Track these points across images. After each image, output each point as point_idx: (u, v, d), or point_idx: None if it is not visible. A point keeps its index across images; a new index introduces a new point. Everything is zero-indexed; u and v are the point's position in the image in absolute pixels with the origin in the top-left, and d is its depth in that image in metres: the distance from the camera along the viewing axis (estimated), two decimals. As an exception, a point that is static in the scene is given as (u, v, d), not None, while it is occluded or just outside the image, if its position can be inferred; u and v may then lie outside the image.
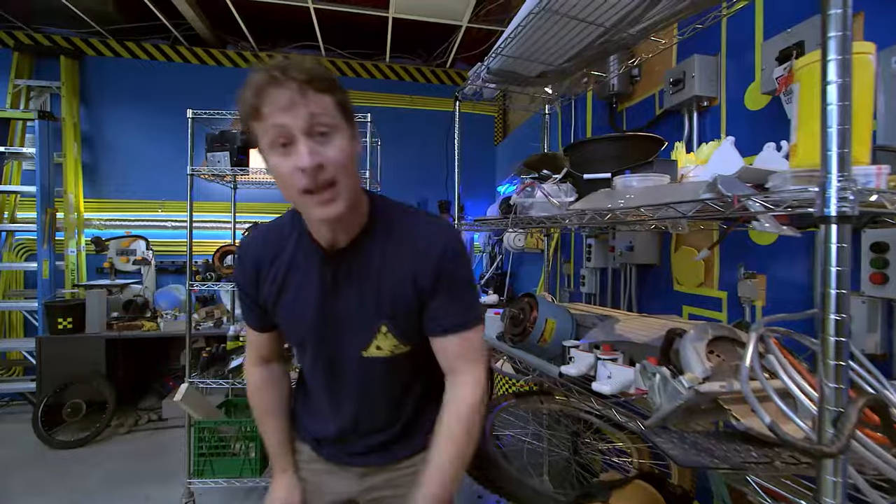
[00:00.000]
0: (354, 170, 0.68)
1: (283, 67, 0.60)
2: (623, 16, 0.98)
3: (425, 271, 0.72)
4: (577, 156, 1.08)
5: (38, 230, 2.76)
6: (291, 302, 0.76)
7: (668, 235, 1.53)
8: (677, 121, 1.49)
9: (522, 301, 1.09)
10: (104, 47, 3.21)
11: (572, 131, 2.26)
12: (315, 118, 0.61)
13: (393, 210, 0.76)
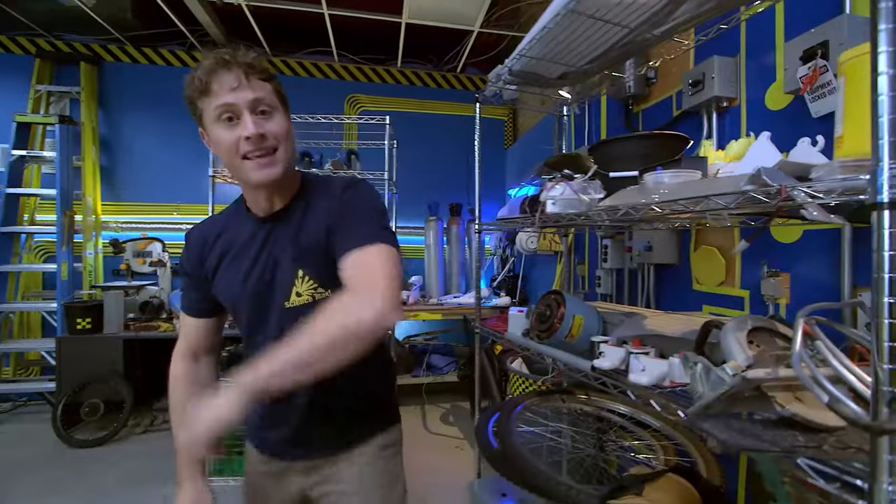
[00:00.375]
0: (291, 144, 0.76)
1: (231, 54, 0.70)
2: (648, 17, 1.00)
3: (332, 208, 0.77)
4: (602, 155, 1.10)
5: (58, 232, 2.80)
6: (227, 267, 0.81)
7: (687, 235, 1.54)
8: (696, 122, 1.50)
9: (549, 298, 1.10)
10: (122, 53, 3.27)
11: (586, 133, 2.27)
12: (259, 100, 0.71)
13: (318, 179, 0.84)
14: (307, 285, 0.78)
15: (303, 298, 0.78)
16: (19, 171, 2.89)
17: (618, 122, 2.01)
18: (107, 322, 2.66)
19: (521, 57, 1.27)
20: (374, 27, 3.07)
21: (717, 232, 1.41)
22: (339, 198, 0.77)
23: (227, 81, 0.70)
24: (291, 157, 0.77)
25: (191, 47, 3.34)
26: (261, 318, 0.81)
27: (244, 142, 0.70)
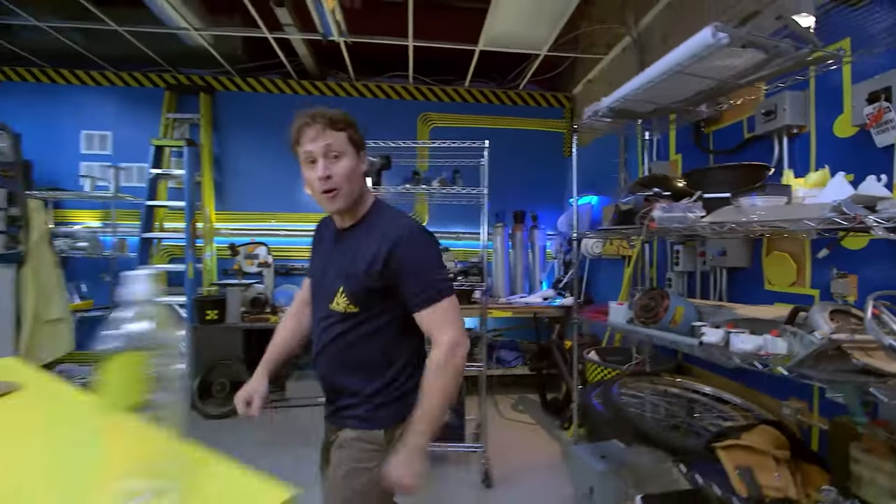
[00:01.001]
0: (356, 180, 0.97)
1: (312, 115, 0.94)
2: (738, 74, 1.28)
3: (383, 251, 0.93)
4: (696, 179, 1.38)
5: (186, 238, 3.32)
6: (315, 257, 1.11)
7: (760, 242, 1.77)
8: (766, 145, 1.74)
9: (652, 293, 1.40)
10: (230, 83, 3.80)
11: (654, 149, 2.52)
12: (329, 147, 0.93)
13: (381, 209, 1.04)
14: (343, 300, 0.97)
15: (339, 307, 0.98)
16: (154, 187, 3.44)
17: (686, 141, 2.26)
18: (229, 314, 3.15)
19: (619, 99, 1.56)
20: (449, 53, 3.43)
21: (788, 240, 1.65)
22: (391, 246, 0.93)
23: (308, 135, 0.93)
24: (356, 192, 0.97)
25: (286, 76, 3.83)
26: (317, 309, 1.05)
27: (317, 180, 0.93)
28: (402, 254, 0.94)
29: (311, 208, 3.80)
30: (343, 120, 0.97)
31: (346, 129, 0.96)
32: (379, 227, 0.98)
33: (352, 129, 0.98)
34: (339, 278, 0.98)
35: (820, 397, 1.55)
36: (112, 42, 3.27)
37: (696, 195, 1.28)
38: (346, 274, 0.97)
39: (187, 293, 3.27)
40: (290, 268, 3.74)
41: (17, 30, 3.14)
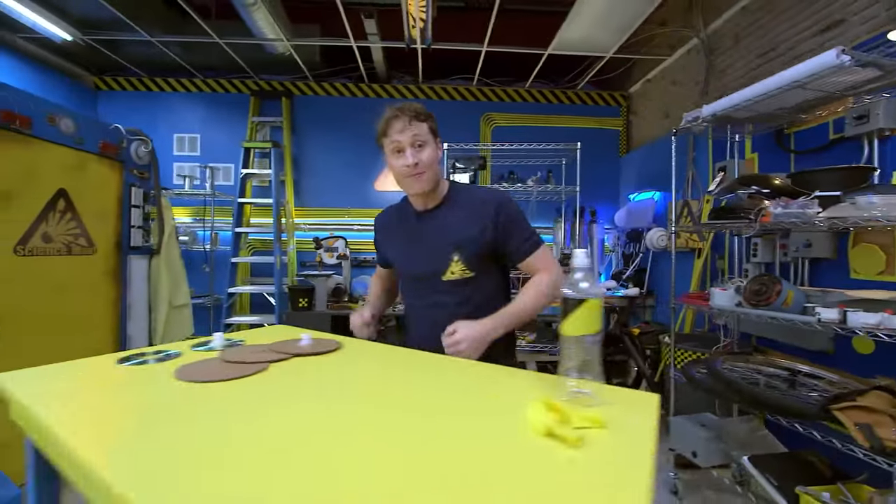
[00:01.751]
0: (436, 166, 1.09)
1: (400, 108, 1.06)
2: (847, 87, 1.46)
3: (490, 213, 1.07)
4: (805, 179, 1.57)
5: (274, 232, 3.62)
6: (396, 245, 1.21)
7: (846, 234, 1.94)
8: (853, 147, 1.89)
9: (761, 279, 1.59)
10: (306, 88, 4.07)
11: (728, 148, 2.67)
12: (416, 137, 1.04)
13: (458, 187, 1.18)
14: (459, 267, 1.09)
15: (455, 275, 1.10)
16: (244, 185, 3.75)
17: (766, 141, 2.41)
18: (318, 301, 3.44)
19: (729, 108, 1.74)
20: (515, 56, 3.61)
21: (877, 233, 1.81)
22: (496, 209, 1.07)
23: (397, 127, 1.03)
24: (438, 176, 1.10)
25: (358, 79, 4.08)
26: (424, 284, 1.14)
27: (405, 168, 1.04)
28: (507, 211, 1.08)
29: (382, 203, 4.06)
30: (425, 112, 1.08)
31: (427, 121, 1.07)
32: (469, 199, 1.12)
33: (432, 121, 1.09)
34: (449, 249, 1.09)
35: (908, 374, 1.72)
36: (204, 52, 3.57)
37: (813, 194, 1.46)
38: (456, 244, 1.08)
39: (276, 282, 3.57)
40: (363, 260, 4.01)
41: (122, 43, 3.47)
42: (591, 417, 0.51)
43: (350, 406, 0.62)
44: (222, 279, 3.72)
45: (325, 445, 0.49)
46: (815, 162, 2.10)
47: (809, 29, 2.27)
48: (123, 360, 0.83)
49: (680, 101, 3.41)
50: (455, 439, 0.50)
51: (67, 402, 0.63)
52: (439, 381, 0.71)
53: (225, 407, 0.61)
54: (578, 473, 0.43)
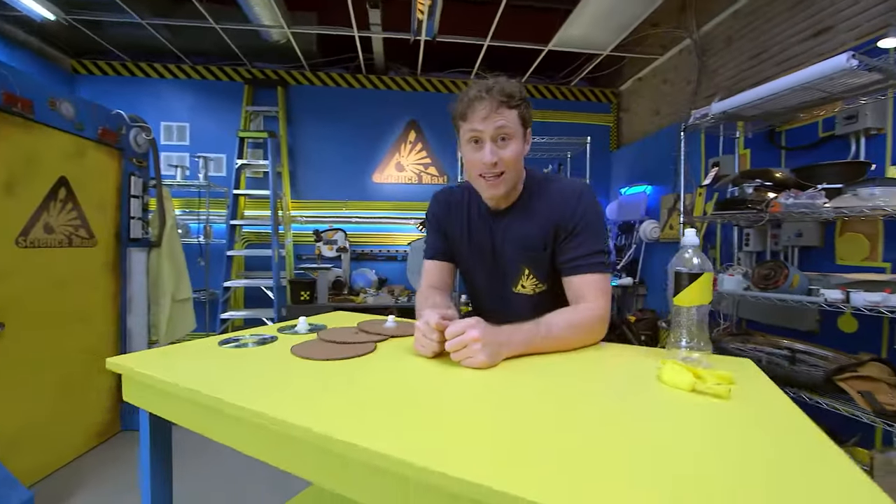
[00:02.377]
0: (519, 165, 0.90)
1: (488, 88, 0.83)
2: (849, 89, 1.60)
3: (567, 212, 0.88)
4: (807, 173, 1.71)
5: (272, 224, 3.54)
6: (465, 242, 1.00)
7: (833, 224, 2.12)
8: (840, 144, 2.07)
9: (769, 265, 1.73)
10: (302, 77, 3.99)
11: (720, 145, 2.84)
12: (501, 129, 0.84)
13: (539, 179, 0.97)
14: (531, 281, 0.95)
15: (527, 290, 0.96)
16: (238, 176, 3.64)
17: (757, 138, 2.58)
18: (319, 294, 3.41)
19: (738, 106, 1.86)
20: (514, 51, 3.67)
21: (862, 222, 1.99)
22: (576, 203, 0.89)
23: (479, 112, 0.83)
24: (518, 176, 0.92)
25: (355, 70, 4.03)
26: (489, 294, 1.01)
27: (481, 164, 0.86)
28: (585, 216, 0.89)
29: (381, 196, 4.05)
30: (519, 95, 0.86)
31: (519, 106, 0.86)
32: (548, 199, 0.93)
33: (525, 107, 0.88)
34: (520, 260, 0.95)
35: (888, 350, 1.91)
36: (196, 37, 3.43)
37: (819, 186, 1.60)
38: (528, 256, 0.93)
39: (274, 276, 3.51)
40: (362, 253, 3.99)
41: (106, 24, 3.28)
42: (721, 375, 0.58)
43: (490, 398, 0.65)
44: (217, 273, 3.62)
45: (515, 410, 0.53)
46: (805, 158, 2.28)
47: (800, 34, 2.44)
48: (224, 342, 0.84)
49: (671, 99, 3.58)
50: (623, 413, 0.53)
51: (231, 378, 0.64)
52: (548, 366, 0.72)
53: (382, 379, 0.64)
54: (751, 417, 0.49)
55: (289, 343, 0.83)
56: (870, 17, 2.07)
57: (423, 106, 4.11)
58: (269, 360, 0.73)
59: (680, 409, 0.52)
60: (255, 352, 0.78)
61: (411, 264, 3.65)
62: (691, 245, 0.69)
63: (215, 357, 0.75)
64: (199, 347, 0.81)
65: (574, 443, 0.43)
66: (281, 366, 0.70)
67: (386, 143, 4.09)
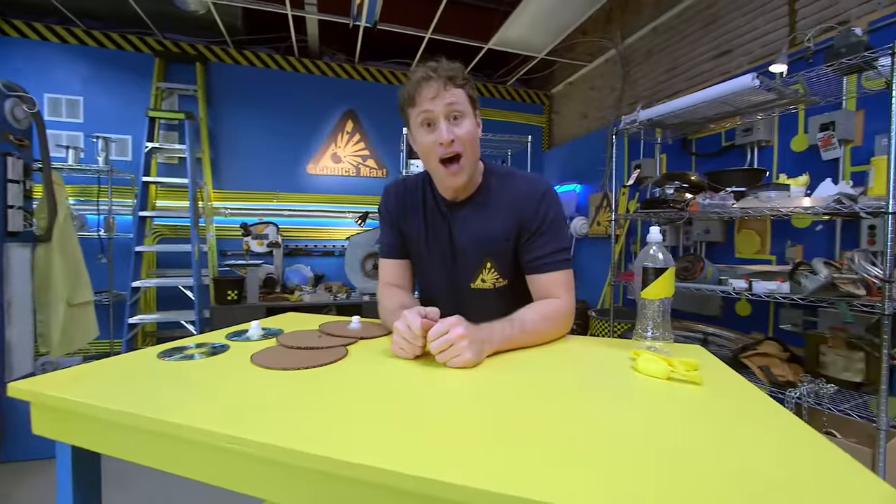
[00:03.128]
0: (476, 146, 0.87)
1: (433, 68, 0.82)
2: (750, 105, 1.84)
3: (531, 211, 0.87)
4: (717, 177, 1.94)
5: (191, 217, 3.19)
6: (422, 240, 0.97)
7: (733, 222, 2.45)
8: (739, 153, 2.40)
9: (687, 258, 1.94)
10: (224, 54, 3.62)
11: (641, 148, 3.13)
12: (452, 106, 0.81)
13: (498, 172, 0.95)
14: (492, 275, 0.93)
15: (486, 284, 0.93)
16: (149, 162, 3.21)
17: (673, 144, 2.88)
18: (249, 293, 3.15)
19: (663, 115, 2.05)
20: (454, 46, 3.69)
21: (755, 221, 2.33)
22: (538, 201, 0.88)
23: (427, 93, 0.81)
24: (476, 159, 0.89)
25: (286, 52, 3.75)
26: (446, 291, 0.98)
27: (438, 146, 0.82)
28: (550, 212, 0.89)
29: (315, 188, 3.84)
30: (463, 75, 0.84)
31: (465, 86, 0.84)
32: (508, 190, 0.91)
33: (471, 87, 0.86)
34: (480, 253, 0.92)
35: (773, 329, 2.26)
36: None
37: (731, 189, 1.83)
38: (489, 247, 0.91)
39: (194, 274, 3.17)
40: (296, 248, 3.76)
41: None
42: (688, 362, 0.63)
43: (477, 395, 0.63)
44: (122, 272, 3.17)
45: (503, 413, 0.52)
46: (712, 163, 2.60)
47: (707, 53, 2.77)
48: (165, 354, 0.72)
49: (598, 104, 3.86)
50: (607, 402, 0.56)
51: (187, 397, 0.55)
52: (527, 361, 0.73)
53: (363, 385, 0.59)
54: (725, 400, 0.54)
55: (244, 352, 0.75)
56: (762, 44, 2.41)
57: (361, 95, 3.97)
58: (227, 372, 0.65)
59: (658, 396, 0.56)
60: (205, 364, 0.69)
61: (350, 260, 3.52)
62: (656, 242, 0.74)
63: (158, 373, 0.64)
64: (133, 362, 0.69)
65: (565, 435, 0.44)
66: (243, 379, 0.62)
67: (321, 133, 3.88)
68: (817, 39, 2.05)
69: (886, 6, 1.87)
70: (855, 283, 1.38)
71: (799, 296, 1.50)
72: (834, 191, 1.51)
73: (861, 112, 1.88)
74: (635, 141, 3.19)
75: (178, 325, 3.30)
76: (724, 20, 2.63)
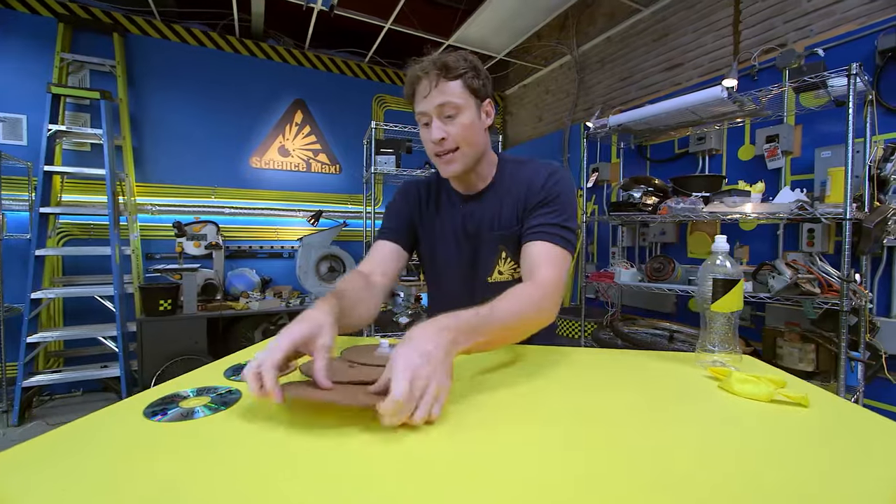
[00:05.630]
0: (475, 139, 0.83)
1: (423, 66, 0.79)
2: (712, 115, 1.97)
3: (536, 185, 0.85)
4: (681, 182, 2.05)
5: (110, 215, 2.72)
6: (437, 234, 0.95)
7: (685, 224, 2.62)
8: (691, 160, 2.57)
9: (659, 259, 2.03)
10: (150, 27, 3.14)
11: (598, 151, 3.25)
12: (443, 106, 0.78)
13: (513, 162, 0.93)
14: (509, 265, 0.89)
15: (504, 276, 0.90)
16: (51, 148, 2.68)
17: (628, 150, 3.02)
18: (186, 302, 2.76)
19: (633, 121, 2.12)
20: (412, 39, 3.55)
21: (706, 224, 2.51)
22: (545, 180, 0.85)
23: (421, 91, 0.80)
24: (477, 152, 0.85)
25: (224, 30, 3.35)
26: (462, 291, 0.93)
27: (432, 144, 0.82)
28: (555, 186, 0.84)
29: (260, 183, 3.50)
30: (459, 64, 0.79)
31: (462, 76, 0.79)
32: (519, 176, 0.88)
33: (470, 74, 0.80)
34: (494, 241, 0.89)
35: (723, 323, 2.46)
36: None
37: (702, 194, 1.93)
38: (503, 236, 0.88)
39: (115, 281, 2.72)
40: (239, 249, 3.38)
41: None
42: (775, 380, 0.61)
43: (540, 423, 0.54)
44: (17, 280, 2.62)
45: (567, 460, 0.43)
46: (666, 169, 2.76)
47: (658, 65, 2.94)
48: (154, 412, 0.53)
49: (552, 108, 3.96)
50: (712, 436, 0.50)
51: (218, 488, 0.37)
52: (586, 378, 0.65)
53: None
54: (831, 423, 0.51)
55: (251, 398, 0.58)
56: (710, 59, 2.60)
57: (312, 84, 3.68)
58: (262, 438, 0.46)
59: (768, 421, 0.51)
60: (222, 422, 0.50)
61: (302, 262, 3.24)
62: (722, 251, 0.71)
63: (156, 449, 0.44)
64: (109, 430, 0.49)
65: (677, 475, 0.38)
66: (292, 444, 0.46)
67: (266, 123, 3.53)
68: (760, 59, 2.26)
69: (819, 32, 2.10)
70: (811, 283, 1.51)
71: (766, 294, 1.62)
72: (792, 198, 1.65)
73: (799, 127, 2.10)
74: (592, 144, 3.31)
75: (93, 342, 2.81)
76: (675, 35, 2.81)
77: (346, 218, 3.72)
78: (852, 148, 1.44)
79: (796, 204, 1.56)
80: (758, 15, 2.34)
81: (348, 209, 3.80)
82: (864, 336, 1.66)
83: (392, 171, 2.57)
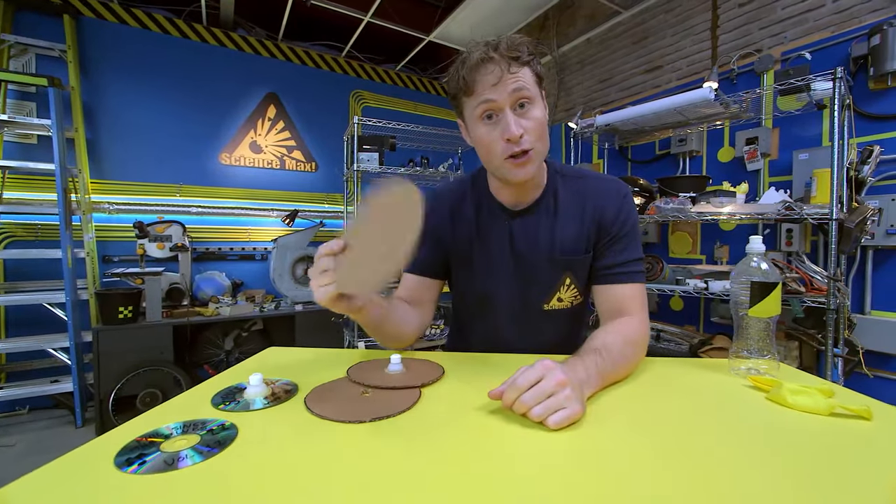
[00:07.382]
0: (547, 136, 0.72)
1: (494, 45, 0.67)
2: (699, 116, 1.99)
3: (612, 212, 0.76)
4: (668, 183, 2.07)
5: (61, 214, 2.48)
6: (479, 253, 0.82)
7: (667, 225, 2.66)
8: (672, 160, 2.61)
9: (649, 259, 2.03)
10: (105, 10, 2.89)
11: (580, 151, 3.26)
12: (519, 92, 0.66)
13: (565, 172, 0.82)
14: (570, 293, 0.80)
15: (564, 304, 0.81)
16: (-10, 139, 2.41)
17: (612, 151, 3.04)
18: (149, 309, 2.55)
19: (621, 120, 2.12)
20: (389, 34, 3.45)
21: (686, 224, 2.55)
22: (620, 207, 0.77)
23: (488, 78, 0.66)
24: (546, 150, 0.73)
25: (190, 17, 3.14)
26: (511, 316, 0.82)
27: (504, 143, 0.68)
28: (628, 217, 0.78)
29: (229, 181, 3.30)
30: (529, 49, 0.69)
31: (531, 62, 0.69)
32: (582, 191, 0.79)
33: (536, 61, 0.71)
34: (559, 268, 0.79)
35: (704, 322, 2.51)
36: None
37: (691, 194, 1.94)
38: (568, 260, 0.78)
39: (67, 287, 2.48)
40: (207, 251, 3.17)
41: None
42: (823, 390, 0.57)
43: (590, 436, 0.49)
44: (-51, 287, 2.33)
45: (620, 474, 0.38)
46: (647, 169, 2.80)
47: (638, 68, 2.97)
48: (128, 459, 0.42)
49: (533, 108, 3.95)
50: (763, 457, 0.46)
51: None
52: (622, 397, 0.60)
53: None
54: None
55: (271, 428, 0.49)
56: (688, 63, 2.65)
57: (285, 78, 3.51)
58: (273, 492, 0.38)
59: (832, 438, 0.47)
60: (216, 472, 0.40)
61: (277, 265, 3.08)
62: (758, 252, 0.68)
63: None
64: (72, 488, 0.37)
65: None
66: (309, 499, 0.38)
67: (236, 118, 3.33)
68: (739, 63, 2.31)
69: (792, 40, 2.18)
70: (796, 282, 1.54)
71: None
72: (777, 199, 1.68)
73: (777, 130, 2.16)
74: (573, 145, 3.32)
75: (41, 354, 2.55)
76: (654, 38, 2.85)
77: (323, 218, 3.57)
78: (838, 150, 1.47)
79: (783, 204, 1.59)
80: (734, 21, 2.40)
81: (326, 209, 3.65)
82: (843, 332, 1.71)
83: (375, 168, 2.46)
